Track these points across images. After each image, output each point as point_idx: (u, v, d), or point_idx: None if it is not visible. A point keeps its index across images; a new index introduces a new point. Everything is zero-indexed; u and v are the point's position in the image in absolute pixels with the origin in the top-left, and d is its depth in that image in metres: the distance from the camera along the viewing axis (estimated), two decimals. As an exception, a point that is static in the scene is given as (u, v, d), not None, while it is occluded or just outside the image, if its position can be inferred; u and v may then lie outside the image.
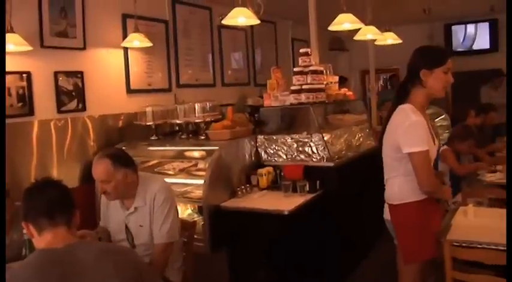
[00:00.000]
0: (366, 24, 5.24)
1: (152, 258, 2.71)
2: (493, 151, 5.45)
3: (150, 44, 4.81)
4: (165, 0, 5.75)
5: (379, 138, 2.83)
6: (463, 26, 9.71)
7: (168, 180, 3.98)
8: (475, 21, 9.59)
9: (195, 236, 3.55)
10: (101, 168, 2.67)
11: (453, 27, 9.75)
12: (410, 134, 2.58)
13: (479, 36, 9.59)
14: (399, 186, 2.71)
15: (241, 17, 4.04)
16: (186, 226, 3.06)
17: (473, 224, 3.01)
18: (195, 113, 4.56)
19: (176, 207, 2.91)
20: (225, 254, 3.79)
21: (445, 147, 4.57)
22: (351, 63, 10.34)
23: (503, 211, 3.42)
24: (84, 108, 4.47)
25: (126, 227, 2.84)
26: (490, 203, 3.98)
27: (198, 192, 3.89)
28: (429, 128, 2.69)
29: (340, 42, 9.67)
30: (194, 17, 6.28)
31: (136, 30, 4.62)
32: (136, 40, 4.64)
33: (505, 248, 2.54)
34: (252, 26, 5.95)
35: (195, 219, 3.87)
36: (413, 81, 2.70)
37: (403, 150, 2.60)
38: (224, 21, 4.18)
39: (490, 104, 6.19)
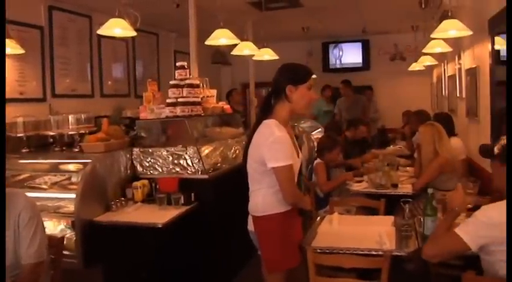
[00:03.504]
0: (244, 40, 5.40)
1: (20, 281, 2.57)
2: (362, 162, 5.82)
3: (22, 51, 4.60)
4: (40, 6, 5.52)
5: (244, 152, 2.92)
6: (339, 44, 10.36)
7: (40, 194, 3.85)
8: (350, 41, 10.28)
9: (68, 252, 3.46)
10: None
11: (330, 46, 10.37)
12: (274, 149, 2.68)
13: (352, 54, 10.28)
14: (263, 199, 2.80)
15: (117, 28, 3.99)
16: (53, 242, 2.93)
17: (337, 231, 3.22)
18: (69, 124, 4.41)
19: (42, 223, 2.78)
20: (100, 270, 3.69)
21: (317, 161, 4.78)
22: (233, 76, 10.55)
23: (366, 218, 3.69)
24: None
25: (-13, 249, 2.66)
26: (357, 211, 4.27)
27: (72, 207, 3.75)
28: (293, 142, 2.83)
29: (223, 56, 9.85)
30: (73, 25, 6.10)
31: (8, 36, 4.38)
32: (7, 46, 4.40)
33: (363, 252, 2.76)
34: (133, 37, 5.90)
35: (68, 234, 3.74)
36: (277, 97, 2.80)
37: (268, 164, 2.69)
38: (99, 32, 4.12)
39: (360, 119, 6.63)
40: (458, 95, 6.34)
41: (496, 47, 4.06)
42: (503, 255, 2.12)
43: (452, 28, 3.91)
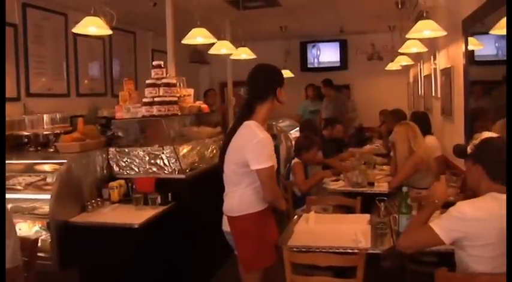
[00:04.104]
0: (222, 39, 5.39)
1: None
2: (340, 160, 5.84)
3: (-6, 49, 4.50)
4: (14, 2, 5.42)
5: (220, 153, 2.92)
6: (317, 44, 10.41)
7: (14, 195, 3.79)
8: (327, 41, 10.32)
9: (43, 254, 3.43)
10: None
11: (308, 45, 10.41)
12: (258, 151, 2.71)
13: (330, 54, 10.34)
14: (239, 199, 2.82)
15: (93, 27, 3.96)
16: (27, 245, 2.89)
17: (313, 230, 3.23)
18: (44, 124, 4.35)
19: (14, 226, 2.74)
20: (76, 272, 3.65)
21: (295, 160, 4.78)
22: (211, 75, 10.52)
23: (342, 216, 3.71)
24: None
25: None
26: (335, 210, 4.29)
27: (47, 208, 3.71)
28: None
29: (201, 55, 9.81)
30: (48, 23, 6.01)
31: (-20, 34, 4.31)
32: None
33: (339, 250, 2.78)
34: (110, 35, 5.85)
35: (43, 236, 3.69)
36: (262, 98, 2.83)
37: (252, 166, 2.71)
38: (74, 30, 4.08)
39: (336, 118, 6.66)
40: (433, 94, 6.43)
41: (470, 47, 4.12)
42: (474, 251, 2.20)
43: (427, 28, 3.95)
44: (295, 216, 3.61)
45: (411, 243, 2.43)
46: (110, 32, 4.12)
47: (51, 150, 4.18)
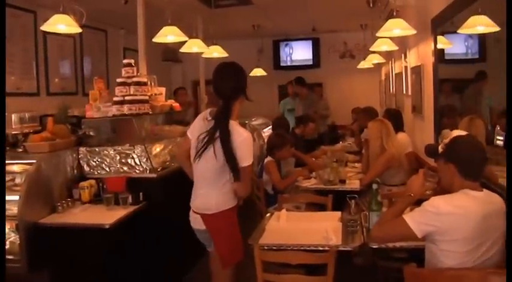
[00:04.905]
0: (193, 38, 5.36)
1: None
2: (314, 158, 5.86)
3: (-40, 48, 4.41)
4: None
5: (199, 152, 2.88)
6: (289, 42, 10.45)
7: (-19, 197, 3.70)
8: (300, 39, 10.37)
9: (12, 257, 3.37)
10: None
11: (281, 44, 10.44)
12: (243, 149, 2.77)
13: (303, 52, 10.39)
14: (217, 197, 2.88)
15: (61, 25, 3.90)
16: (-7, 247, 2.85)
17: (284, 228, 3.24)
18: (12, 123, 4.28)
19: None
20: (46, 274, 3.59)
21: (268, 158, 4.78)
22: (184, 74, 10.46)
23: (314, 214, 3.73)
24: None
25: None
26: (307, 208, 4.31)
27: (15, 209, 3.64)
28: None
29: (174, 53, 9.75)
30: (16, 21, 5.91)
31: None
32: None
33: (310, 248, 2.79)
34: (81, 33, 5.78)
35: (12, 238, 3.62)
36: (235, 98, 2.86)
37: (239, 164, 2.76)
38: (43, 28, 4.02)
39: (308, 116, 6.69)
40: (404, 92, 6.51)
41: (439, 46, 4.19)
42: (445, 245, 2.23)
43: (396, 27, 4.00)
44: (267, 215, 3.61)
45: (383, 235, 2.46)
46: (79, 30, 4.07)
47: (20, 150, 4.09)
